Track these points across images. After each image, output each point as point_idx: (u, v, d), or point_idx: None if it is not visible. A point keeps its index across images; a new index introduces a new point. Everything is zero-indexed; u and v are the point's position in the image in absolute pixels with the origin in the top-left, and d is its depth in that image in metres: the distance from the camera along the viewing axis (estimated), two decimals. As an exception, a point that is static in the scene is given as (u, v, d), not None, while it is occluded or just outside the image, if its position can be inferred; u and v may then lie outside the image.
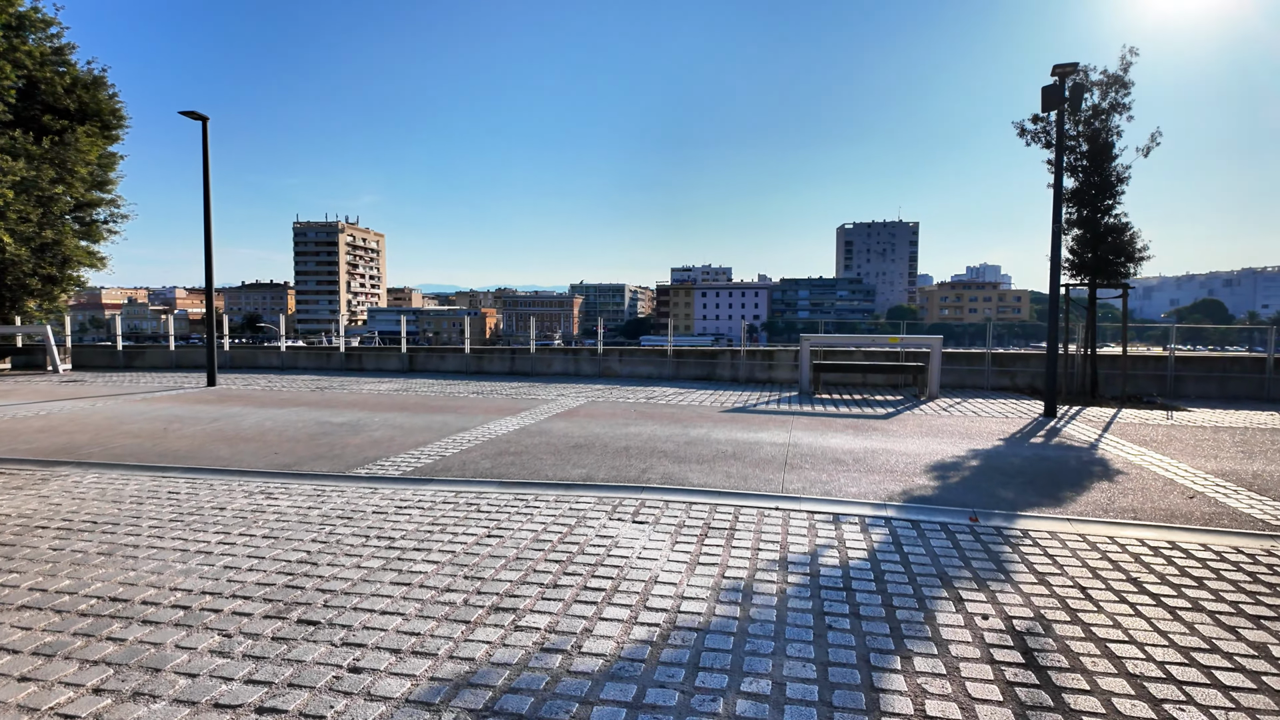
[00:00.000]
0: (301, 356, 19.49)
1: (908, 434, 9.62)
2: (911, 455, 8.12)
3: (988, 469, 7.52)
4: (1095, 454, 8.42)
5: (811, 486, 6.56)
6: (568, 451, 8.16)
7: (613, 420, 10.54)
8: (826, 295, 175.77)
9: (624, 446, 8.46)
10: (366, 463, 7.64)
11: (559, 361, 17.87)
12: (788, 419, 10.88)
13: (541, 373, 17.91)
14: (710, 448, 8.40)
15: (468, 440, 8.87)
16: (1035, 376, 15.22)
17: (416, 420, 10.48)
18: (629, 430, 9.64)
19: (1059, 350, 12.52)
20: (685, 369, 17.08)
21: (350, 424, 10.16)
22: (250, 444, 8.70)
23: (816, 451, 8.24)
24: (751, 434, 9.41)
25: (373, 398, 13.32)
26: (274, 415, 11.01)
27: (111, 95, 23.38)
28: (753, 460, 7.70)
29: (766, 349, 16.69)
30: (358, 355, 19.09)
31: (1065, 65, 10.99)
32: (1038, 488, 6.72)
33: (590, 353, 17.66)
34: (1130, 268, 13.27)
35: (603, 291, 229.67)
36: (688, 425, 10.11)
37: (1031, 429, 10.25)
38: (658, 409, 11.91)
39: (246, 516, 5.56)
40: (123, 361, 20.30)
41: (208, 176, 14.76)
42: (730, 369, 16.78)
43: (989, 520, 5.63)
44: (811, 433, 9.58)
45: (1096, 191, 13.45)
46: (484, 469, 7.23)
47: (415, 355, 18.78)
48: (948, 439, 9.28)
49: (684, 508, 5.78)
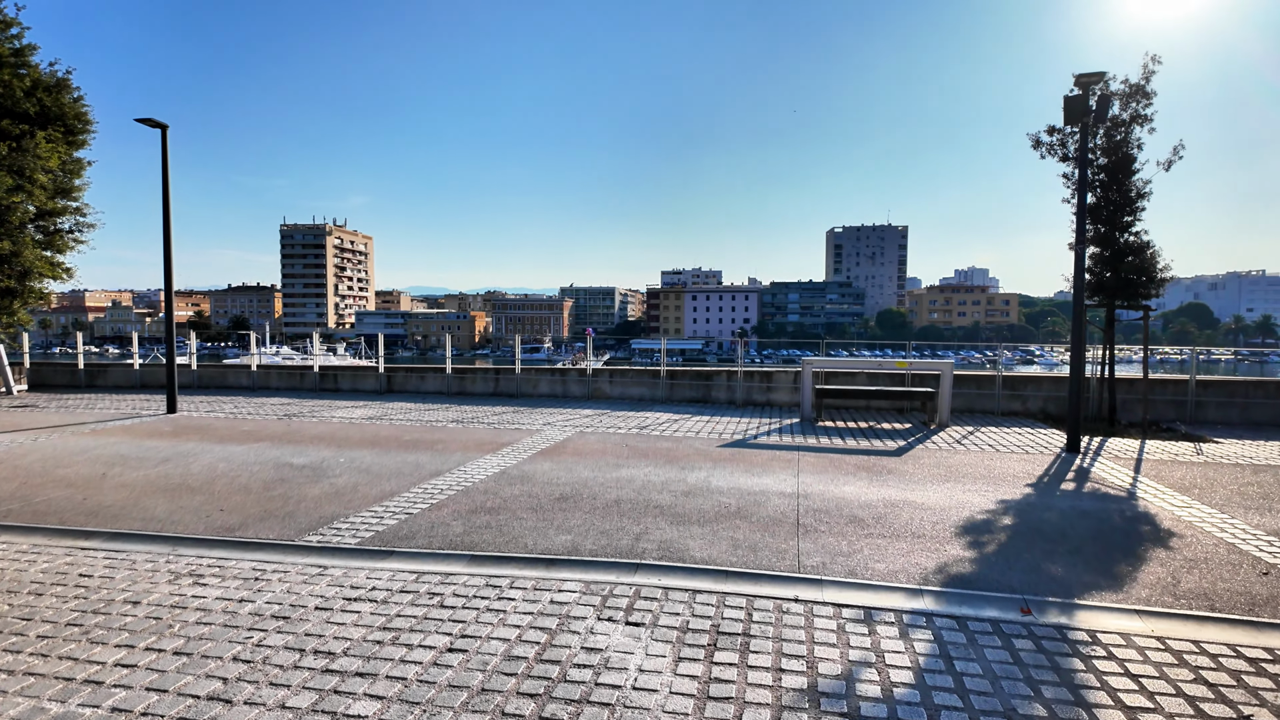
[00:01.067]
0: (273, 376, 18.45)
1: (925, 477, 8.77)
2: (936, 510, 7.27)
3: (1025, 530, 6.67)
4: (1137, 506, 7.60)
5: (832, 561, 5.68)
6: (551, 507, 7.26)
7: (602, 460, 9.64)
8: (816, 299, 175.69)
9: (614, 499, 7.56)
10: (322, 524, 6.71)
11: (546, 382, 16.94)
12: (792, 456, 10.01)
13: (527, 394, 16.97)
14: (711, 500, 7.51)
15: (440, 490, 7.94)
16: (1048, 401, 14.44)
17: (386, 461, 9.54)
18: (620, 474, 8.74)
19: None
20: (679, 390, 16.20)
21: (312, 466, 9.21)
22: (195, 496, 7.74)
23: (830, 505, 7.37)
24: (755, 479, 8.54)
25: (343, 429, 12.35)
26: (230, 454, 10.04)
27: (76, 99, 22.23)
28: (760, 519, 6.82)
29: (765, 370, 15.85)
30: (332, 375, 18.07)
31: (1090, 74, 10.21)
32: (1087, 559, 5.88)
33: (579, 372, 16.74)
34: (1152, 289, 12.51)
35: (593, 294, 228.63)
36: (685, 467, 9.23)
37: (1058, 470, 9.42)
38: (651, 442, 11.02)
39: (162, 617, 4.62)
40: (84, 380, 19.21)
41: (167, 186, 13.77)
42: (727, 391, 15.91)
43: (1043, 612, 4.78)
44: (821, 476, 8.71)
45: (1115, 208, 12.68)
46: (454, 535, 6.32)
47: (394, 375, 17.80)
48: (970, 485, 8.44)
49: (687, 599, 4.89)
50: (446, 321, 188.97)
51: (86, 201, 23.22)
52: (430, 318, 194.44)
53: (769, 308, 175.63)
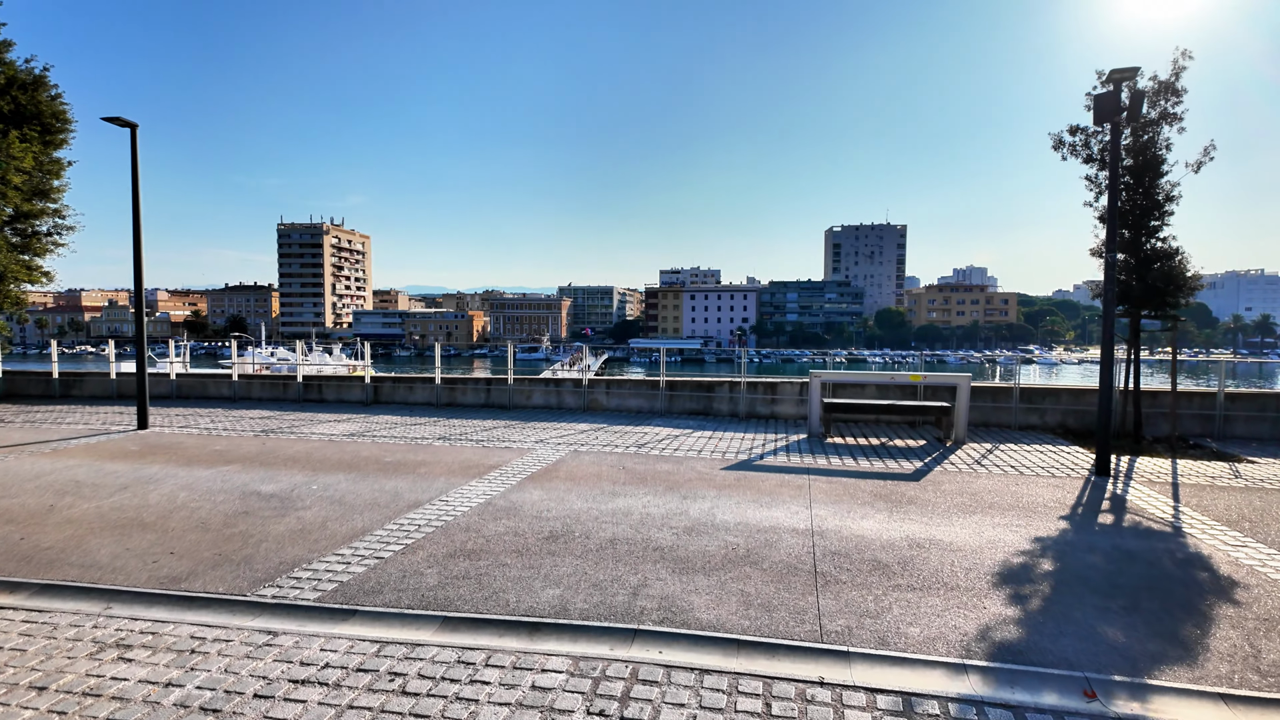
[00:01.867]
0: (255, 387, 17.67)
1: (949, 508, 8.04)
2: (967, 553, 6.54)
3: (1069, 578, 5.94)
4: (1186, 545, 6.87)
5: (859, 625, 4.95)
6: (539, 548, 6.52)
7: (597, 487, 8.90)
8: (815, 298, 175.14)
9: (609, 538, 6.83)
10: (281, 571, 5.97)
11: (540, 393, 16.19)
12: (802, 481, 9.28)
13: (520, 405, 16.21)
14: (717, 540, 6.78)
15: (418, 527, 7.20)
16: (1067, 414, 13.72)
17: (363, 489, 8.79)
18: (616, 505, 8.00)
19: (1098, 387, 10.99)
20: (679, 402, 15.46)
21: (281, 496, 8.47)
22: (146, 535, 6.99)
23: (849, 546, 6.64)
24: (764, 510, 7.80)
25: (321, 448, 11.60)
26: (195, 480, 9.29)
27: (54, 96, 21.44)
28: (773, 566, 6.09)
29: (769, 380, 15.11)
30: (317, 385, 17.30)
31: (1123, 70, 9.47)
32: (1146, 618, 5.15)
33: (574, 383, 15.98)
34: (1181, 298, 11.79)
35: (591, 294, 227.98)
36: (687, 495, 8.49)
37: (1091, 498, 8.70)
38: (650, 464, 10.28)
39: (67, 712, 3.88)
40: (58, 391, 18.42)
41: (137, 186, 13.02)
42: (729, 403, 15.18)
43: (1110, 696, 4.06)
44: (835, 507, 7.98)
45: (1141, 212, 11.96)
46: (427, 589, 5.57)
47: (381, 385, 17.02)
48: (999, 517, 7.72)
49: (693, 683, 4.15)
50: (444, 321, 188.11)
51: (67, 203, 22.51)
52: (428, 317, 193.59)
53: (767, 307, 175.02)
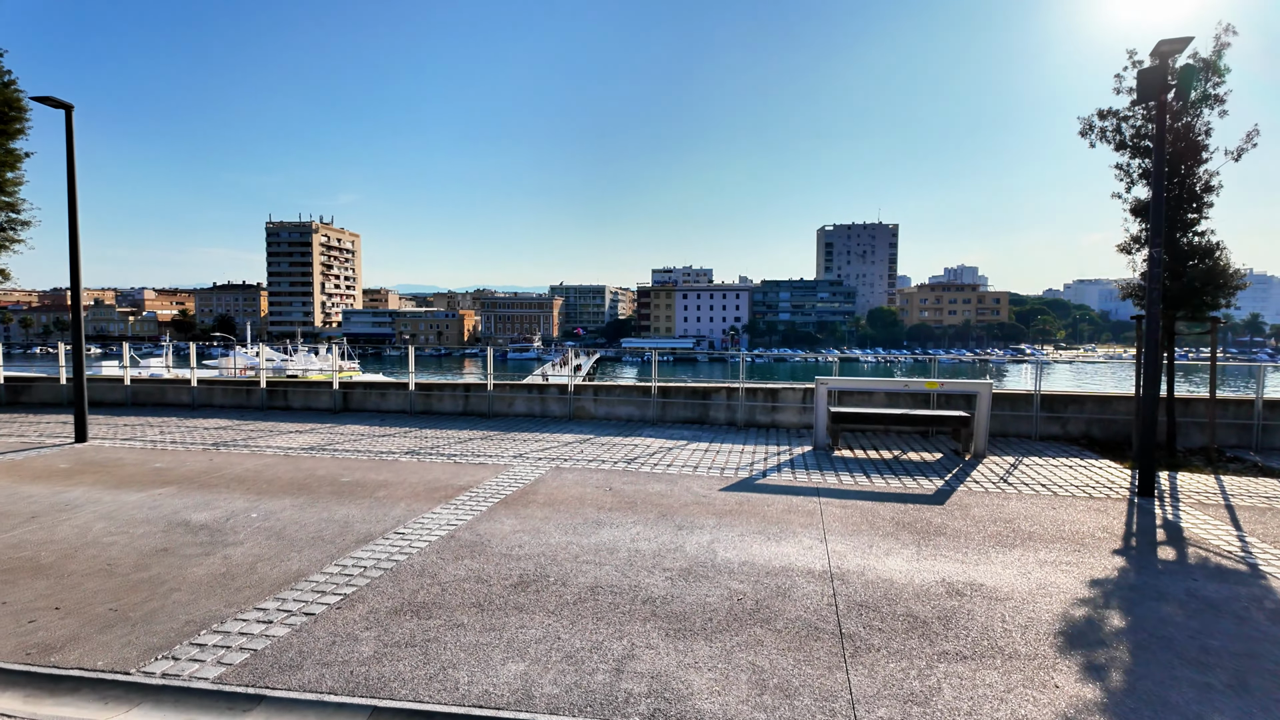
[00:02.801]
0: (217, 393, 16.44)
1: (985, 539, 6.98)
2: (1017, 602, 5.46)
3: (1147, 639, 4.88)
4: (1274, 592, 5.82)
5: (904, 718, 3.86)
6: (504, 601, 5.40)
7: (579, 514, 7.78)
8: (807, 297, 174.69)
9: (590, 584, 5.72)
10: (186, 635, 4.83)
11: (522, 400, 15.04)
12: (813, 505, 8.19)
13: (501, 414, 15.06)
14: (719, 588, 5.67)
15: (364, 569, 6.07)
16: (1091, 424, 12.69)
17: (309, 518, 7.64)
18: (601, 539, 6.89)
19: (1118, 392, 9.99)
20: (672, 410, 14.36)
21: (213, 527, 7.31)
22: (36, 583, 5.83)
23: (877, 595, 5.55)
24: (773, 545, 6.71)
25: (274, 465, 10.44)
26: (119, 507, 8.11)
27: (7, 83, 20.22)
28: (788, 626, 4.99)
29: (769, 387, 14.03)
30: (282, 392, 16.09)
31: (1172, 40, 8.42)
32: (1262, 702, 4.09)
33: (559, 389, 14.85)
34: (1222, 298, 10.77)
35: (583, 293, 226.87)
36: (682, 524, 7.39)
37: (1142, 525, 7.65)
38: (640, 483, 9.18)
39: None
40: (4, 398, 17.14)
41: (73, 172, 11.86)
42: (726, 411, 14.08)
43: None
44: (854, 540, 6.90)
45: (1177, 204, 10.93)
46: (359, 663, 4.45)
47: (350, 392, 15.83)
48: (1044, 551, 6.65)
49: (694, 825, 3.05)
50: (435, 320, 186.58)
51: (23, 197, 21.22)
52: (418, 316, 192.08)
53: (760, 306, 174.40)
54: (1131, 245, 11.66)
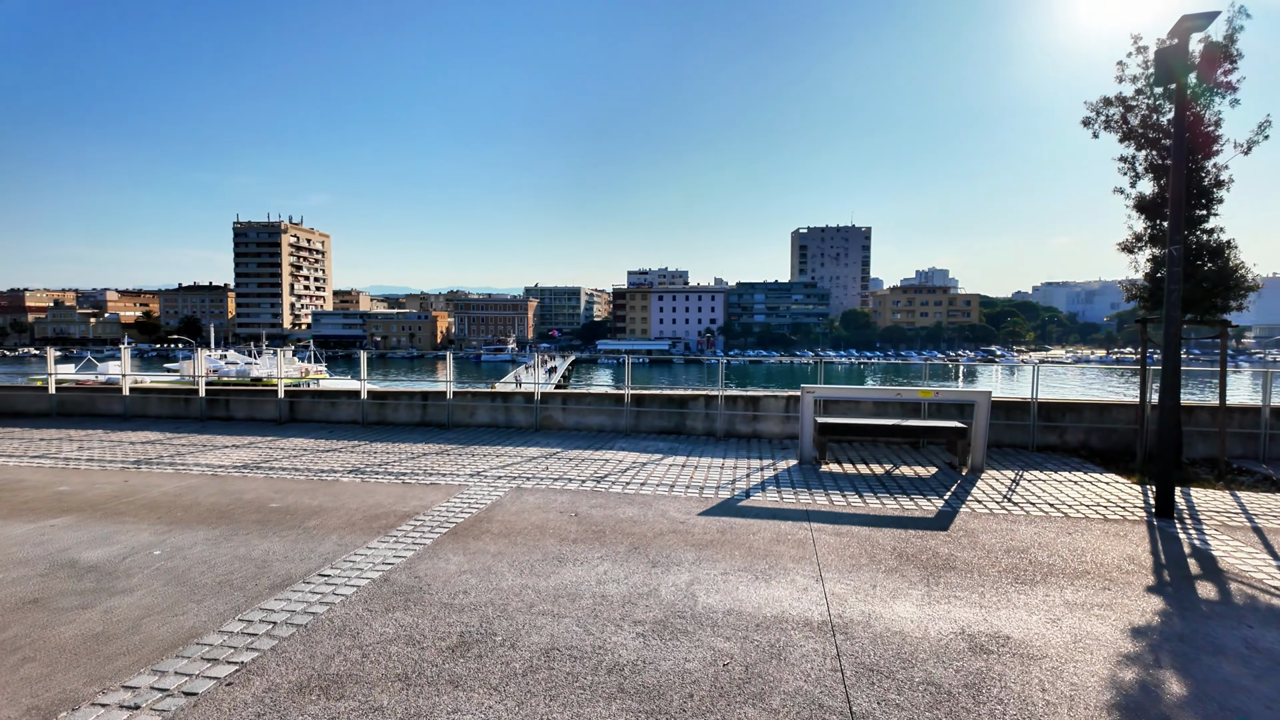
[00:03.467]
0: (152, 403, 15.12)
1: (1001, 574, 6.11)
2: (1054, 662, 4.58)
3: (1218, 711, 4.02)
4: (1342, 640, 5.01)
5: None
6: (437, 671, 4.39)
7: (539, 546, 6.78)
8: (782, 299, 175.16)
9: (545, 648, 4.72)
10: (18, 732, 3.76)
11: (485, 409, 13.96)
12: (804, 533, 7.28)
13: (462, 424, 13.97)
14: (701, 650, 4.71)
15: (270, 627, 5.02)
16: (1089, 433, 11.98)
17: (222, 555, 6.55)
18: (562, 580, 5.91)
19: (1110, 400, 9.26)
20: (647, 419, 13.39)
21: (105, 568, 6.19)
22: None
23: (889, 657, 4.63)
24: (763, 589, 5.77)
25: (196, 488, 9.29)
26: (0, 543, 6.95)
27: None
28: (786, 706, 4.04)
29: (750, 394, 13.14)
30: (223, 400, 14.82)
31: (1195, 16, 7.66)
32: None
33: (525, 397, 13.80)
34: (1233, 300, 10.09)
35: (558, 294, 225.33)
36: (657, 561, 6.42)
37: (1170, 553, 6.84)
38: (610, 506, 8.20)
39: None
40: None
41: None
42: (705, 420, 13.15)
43: None
44: (854, 578, 5.99)
45: (1186, 200, 10.23)
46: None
47: (298, 401, 14.62)
48: (1071, 590, 5.80)
49: None
50: (407, 322, 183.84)
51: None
52: (390, 318, 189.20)
53: (735, 308, 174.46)
54: (1134, 244, 10.96)
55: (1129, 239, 11.02)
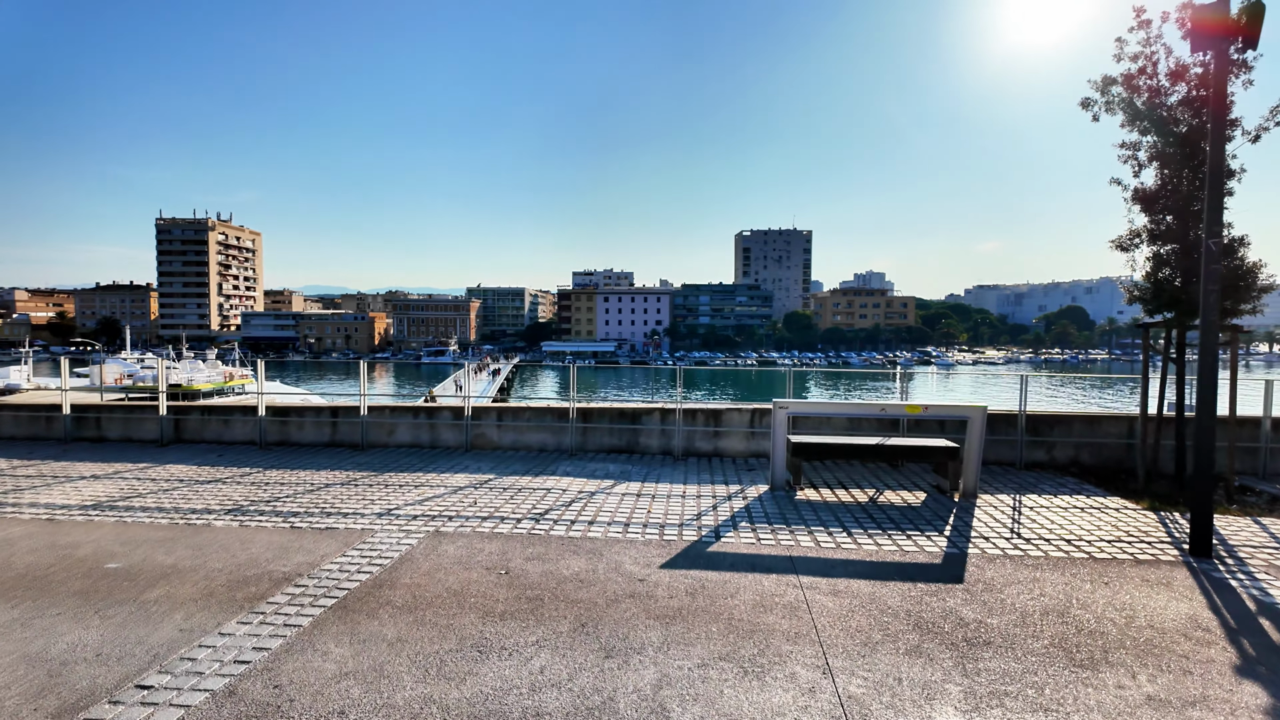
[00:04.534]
0: (7, 422, 12.74)
1: (1049, 650, 4.77)
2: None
3: None
4: None
5: None
6: None
7: (454, 627, 5.14)
8: (727, 301, 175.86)
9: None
10: None
11: (406, 426, 12.12)
12: (794, 591, 5.83)
13: (379, 444, 12.10)
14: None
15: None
16: (1079, 449, 10.96)
17: (2, 652, 4.70)
18: (478, 689, 4.28)
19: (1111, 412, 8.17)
20: (595, 437, 11.80)
21: None
22: None
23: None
24: (757, 694, 4.28)
25: (17, 539, 7.28)
26: None
27: None
28: None
29: (711, 407, 11.70)
30: (94, 420, 12.55)
31: (1241, -30, 6.54)
32: None
33: (454, 413, 12.02)
34: (1246, 303, 9.13)
35: (501, 295, 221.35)
36: (611, 648, 4.85)
37: (1233, 609, 5.63)
38: (552, 559, 6.60)
39: None
40: None
41: None
42: (660, 437, 11.64)
43: None
44: (871, 669, 4.55)
45: (1190, 194, 9.25)
46: None
47: (184, 420, 12.46)
48: (1144, 676, 4.49)
49: None
50: (343, 323, 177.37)
51: None
52: (324, 319, 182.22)
53: (681, 309, 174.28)
54: (1132, 240, 9.96)
55: (1125, 235, 10.02)
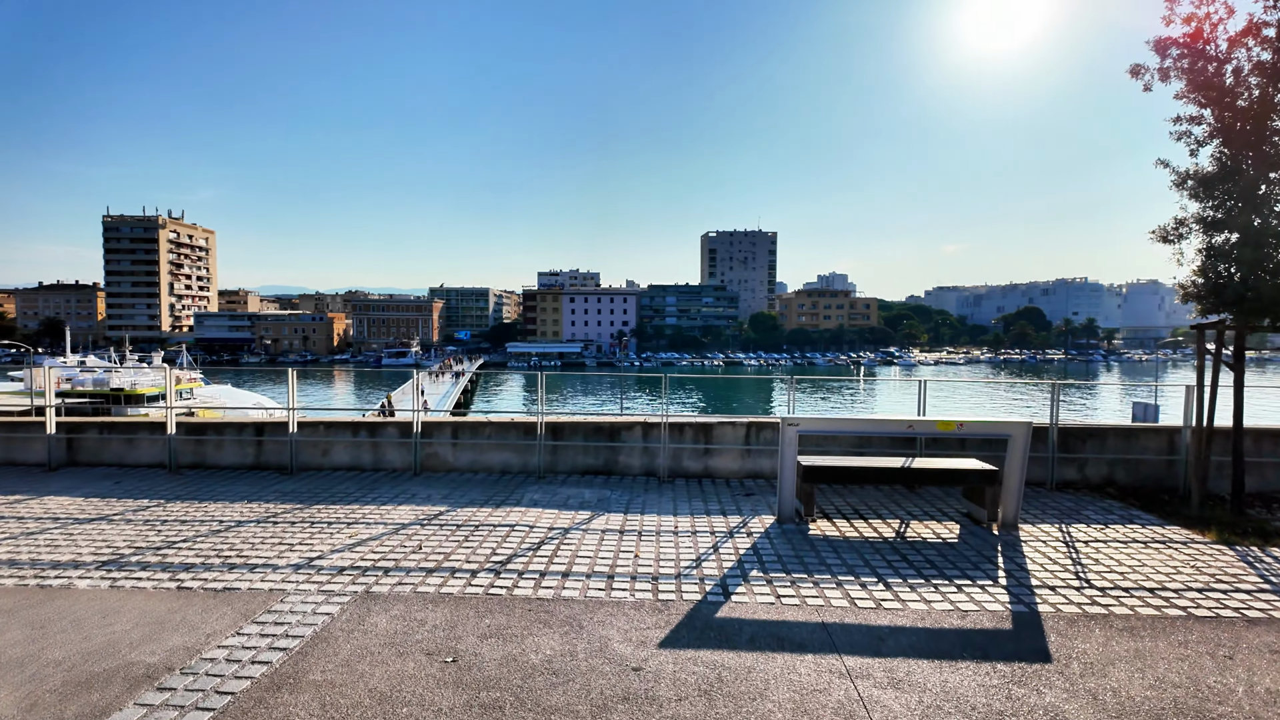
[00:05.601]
0: None
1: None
2: None
3: None
4: None
5: None
6: None
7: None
8: (693, 302, 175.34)
9: None
10: None
11: (344, 446, 10.34)
12: (840, 684, 4.35)
13: (311, 467, 10.32)
14: None
15: None
16: (1114, 466, 9.73)
17: None
18: None
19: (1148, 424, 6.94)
20: (567, 456, 10.19)
21: None
22: None
23: None
24: None
25: None
26: None
27: None
28: None
29: (699, 420, 10.19)
30: (-35, 438, 10.61)
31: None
32: None
33: (400, 428, 10.30)
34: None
35: (465, 295, 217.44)
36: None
37: None
38: (516, 637, 5.03)
39: None
40: None
41: None
42: (643, 456, 10.09)
43: None
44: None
45: (1255, 180, 8.04)
46: None
47: (80, 439, 10.47)
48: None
49: None
50: (300, 324, 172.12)
51: None
52: (281, 320, 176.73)
53: (647, 310, 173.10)
54: (1179, 230, 8.71)
55: (1169, 225, 8.77)
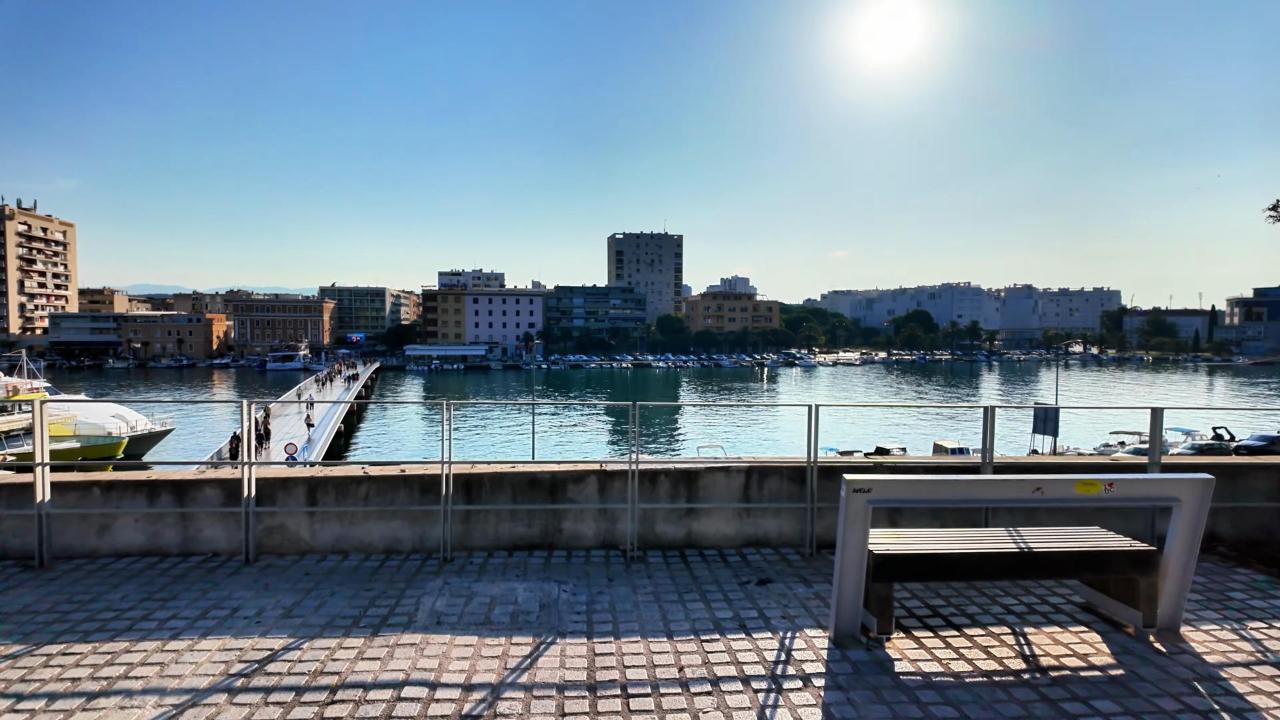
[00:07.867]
0: None
1: None
2: None
3: None
4: None
5: None
6: None
7: None
8: (601, 304, 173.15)
9: None
10: None
11: (132, 519, 6.33)
12: None
13: (78, 554, 6.43)
14: None
15: None
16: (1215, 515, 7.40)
17: None
18: None
19: None
20: (486, 523, 6.87)
21: None
22: None
23: None
24: None
25: None
26: None
27: None
28: None
29: (680, 468, 7.14)
30: None
31: None
32: None
33: (224, 489, 6.60)
34: None
35: (360, 295, 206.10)
36: None
37: None
38: None
39: None
40: None
41: None
42: (597, 520, 6.93)
43: None
44: None
45: None
46: None
47: None
48: None
49: None
50: (174, 325, 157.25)
51: None
52: (152, 321, 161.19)
53: (554, 312, 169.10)
54: None
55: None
